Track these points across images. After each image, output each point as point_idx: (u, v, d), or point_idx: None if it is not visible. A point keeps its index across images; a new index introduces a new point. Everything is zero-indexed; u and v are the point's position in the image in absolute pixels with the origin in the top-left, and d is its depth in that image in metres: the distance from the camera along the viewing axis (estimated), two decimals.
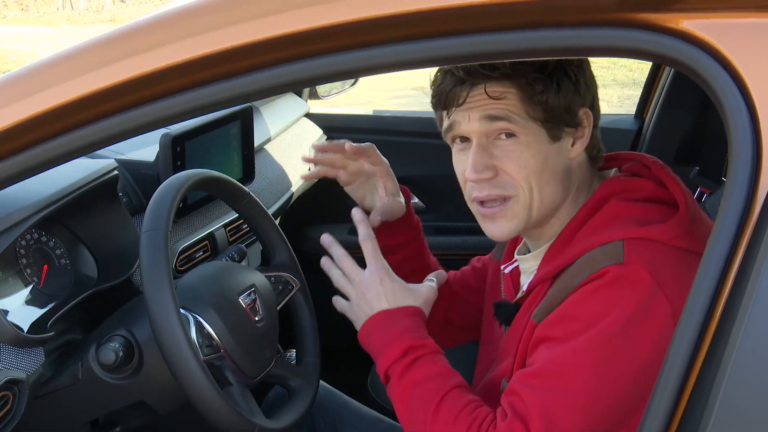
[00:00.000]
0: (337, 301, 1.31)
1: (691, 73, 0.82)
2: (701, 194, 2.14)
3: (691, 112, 2.40)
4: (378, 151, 1.45)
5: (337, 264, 1.30)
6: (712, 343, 0.79)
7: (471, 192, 1.18)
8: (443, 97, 1.15)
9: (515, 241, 1.34)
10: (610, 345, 1.01)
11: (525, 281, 1.24)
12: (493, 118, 1.12)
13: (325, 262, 1.33)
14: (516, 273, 1.29)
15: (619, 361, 1.02)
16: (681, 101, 2.40)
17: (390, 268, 1.28)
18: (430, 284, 1.32)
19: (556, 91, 1.12)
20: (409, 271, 1.41)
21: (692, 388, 0.80)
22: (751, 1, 0.80)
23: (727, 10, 0.80)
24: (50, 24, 15.82)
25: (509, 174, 1.14)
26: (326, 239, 1.32)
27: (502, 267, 1.33)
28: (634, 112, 2.66)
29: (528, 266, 1.24)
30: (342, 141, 1.42)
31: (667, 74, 2.43)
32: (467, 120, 1.14)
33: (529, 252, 1.25)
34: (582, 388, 1.02)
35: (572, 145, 1.16)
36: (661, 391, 0.82)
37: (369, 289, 1.25)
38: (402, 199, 1.46)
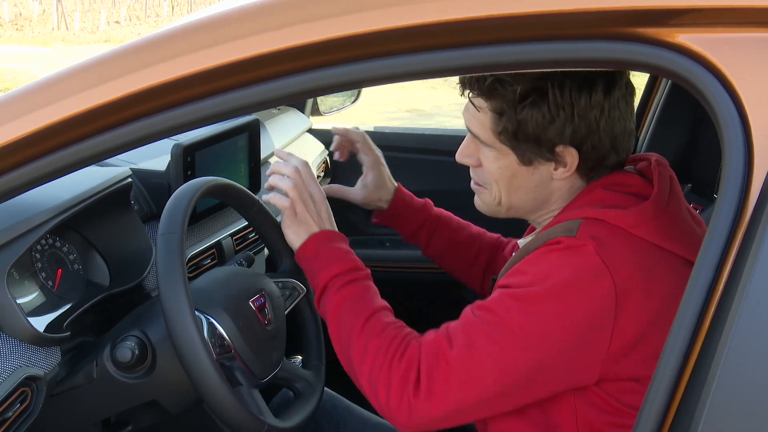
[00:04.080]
0: (277, 197, 1.37)
1: (688, 85, 0.85)
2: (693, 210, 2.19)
3: (684, 132, 2.45)
4: (367, 141, 1.62)
5: (299, 172, 1.38)
6: (704, 346, 0.82)
7: None
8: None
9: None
10: (546, 302, 1.09)
11: None
12: (469, 129, 1.24)
13: (278, 166, 1.40)
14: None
15: (549, 320, 1.08)
16: (674, 121, 2.45)
17: None
18: None
19: (523, 121, 1.16)
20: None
21: (685, 388, 0.83)
22: (746, 17, 0.83)
23: (723, 25, 0.83)
24: (45, 44, 15.83)
25: (484, 170, 1.26)
26: (281, 152, 1.46)
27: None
28: None
29: None
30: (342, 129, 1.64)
31: (660, 94, 2.48)
32: (467, 112, 1.25)
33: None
34: (508, 329, 1.09)
35: (554, 169, 1.21)
36: (655, 390, 0.84)
37: (322, 207, 1.37)
38: (383, 194, 1.61)
